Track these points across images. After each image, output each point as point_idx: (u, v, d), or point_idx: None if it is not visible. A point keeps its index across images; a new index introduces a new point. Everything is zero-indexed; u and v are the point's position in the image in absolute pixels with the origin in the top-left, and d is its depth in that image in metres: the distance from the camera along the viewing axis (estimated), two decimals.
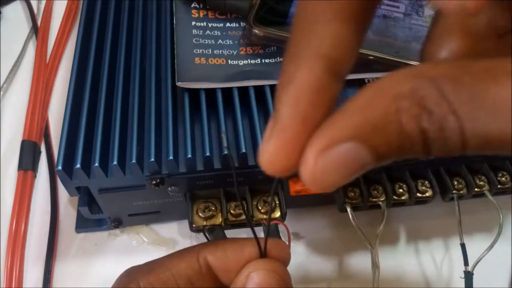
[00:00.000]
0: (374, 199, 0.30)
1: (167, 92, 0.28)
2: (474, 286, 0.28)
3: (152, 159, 0.25)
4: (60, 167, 0.25)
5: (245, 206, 0.28)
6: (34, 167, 0.34)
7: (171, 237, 0.32)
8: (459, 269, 0.29)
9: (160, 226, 0.33)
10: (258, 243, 0.20)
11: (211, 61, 0.29)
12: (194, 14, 0.31)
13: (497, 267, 0.32)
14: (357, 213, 0.30)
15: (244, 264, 0.20)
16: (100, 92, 0.28)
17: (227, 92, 0.28)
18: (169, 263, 0.21)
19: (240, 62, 0.29)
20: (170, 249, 0.32)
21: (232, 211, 0.28)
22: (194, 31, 0.30)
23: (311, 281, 0.31)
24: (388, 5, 0.30)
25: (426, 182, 0.30)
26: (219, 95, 0.28)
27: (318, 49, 0.14)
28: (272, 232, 0.28)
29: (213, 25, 0.31)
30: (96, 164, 0.25)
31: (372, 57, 0.27)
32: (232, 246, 0.21)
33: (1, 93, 0.39)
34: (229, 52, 0.30)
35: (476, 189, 0.30)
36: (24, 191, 0.33)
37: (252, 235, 0.21)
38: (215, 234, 0.28)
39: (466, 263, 0.29)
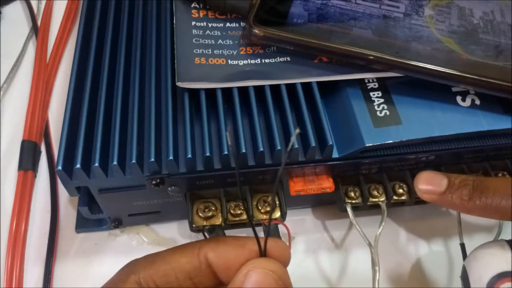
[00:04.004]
0: (374, 199, 0.30)
1: (167, 92, 0.28)
2: None
3: (152, 159, 0.25)
4: (60, 167, 0.25)
5: (246, 205, 0.28)
6: (34, 167, 0.34)
7: (171, 237, 0.32)
8: (459, 269, 0.29)
9: (160, 226, 0.33)
10: (259, 242, 0.20)
11: (211, 61, 0.29)
12: (194, 14, 0.31)
13: None
14: (357, 213, 0.30)
15: (243, 263, 0.20)
16: (100, 92, 0.28)
17: (227, 92, 0.28)
18: (170, 257, 0.21)
19: (240, 62, 0.29)
20: None
21: (232, 211, 0.28)
22: (194, 31, 0.30)
23: (311, 281, 0.31)
24: (388, 5, 0.30)
25: None
26: (219, 95, 0.28)
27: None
28: (273, 232, 0.28)
29: (213, 25, 0.31)
30: (96, 164, 0.25)
31: (372, 57, 0.27)
32: (232, 244, 0.21)
33: (1, 93, 0.39)
34: (229, 52, 0.30)
35: None
36: (24, 191, 0.33)
37: (252, 235, 0.21)
38: (215, 234, 0.28)
39: None
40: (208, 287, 0.22)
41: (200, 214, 0.28)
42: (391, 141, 0.27)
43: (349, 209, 0.29)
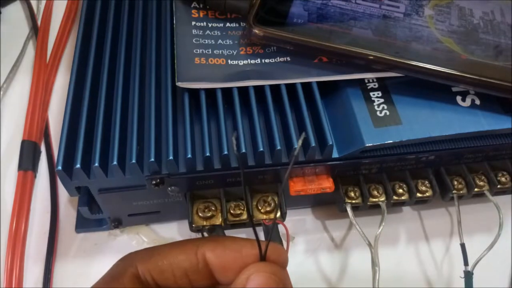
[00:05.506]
0: (374, 199, 0.30)
1: (167, 92, 0.28)
2: (474, 286, 0.28)
3: (152, 159, 0.25)
4: (60, 167, 0.25)
5: (247, 207, 0.28)
6: (34, 167, 0.34)
7: (171, 237, 0.33)
8: (459, 269, 0.29)
9: (160, 226, 0.33)
10: (259, 246, 0.20)
11: (211, 61, 0.29)
12: (194, 14, 0.31)
13: (497, 267, 0.32)
14: (357, 213, 0.30)
15: (241, 265, 0.20)
16: (100, 92, 0.28)
17: (227, 92, 0.28)
18: (168, 253, 0.21)
19: (240, 62, 0.29)
20: None
21: (232, 211, 0.28)
22: (194, 31, 0.30)
23: (311, 281, 0.31)
24: (388, 5, 0.30)
25: (426, 182, 0.30)
26: (219, 95, 0.28)
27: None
28: (272, 232, 0.28)
29: (213, 25, 0.31)
30: (96, 164, 0.25)
31: (372, 57, 0.27)
32: (231, 245, 0.21)
33: (1, 93, 0.39)
34: (229, 52, 0.30)
35: (476, 189, 0.30)
36: (24, 191, 0.33)
37: (252, 235, 0.21)
38: (215, 234, 0.28)
39: (466, 263, 0.29)
40: (204, 286, 0.22)
41: (200, 214, 0.28)
42: (391, 141, 0.27)
43: (349, 209, 0.29)
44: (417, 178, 0.30)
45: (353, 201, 0.29)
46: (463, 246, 0.29)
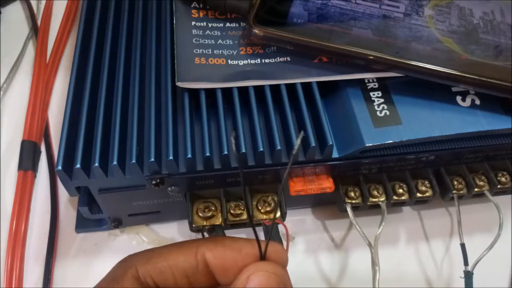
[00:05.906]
0: (374, 199, 0.30)
1: (167, 92, 0.28)
2: (474, 286, 0.28)
3: (152, 159, 0.25)
4: (60, 167, 0.25)
5: (247, 207, 0.28)
6: (34, 167, 0.34)
7: (171, 237, 0.33)
8: (459, 269, 0.29)
9: (160, 226, 0.33)
10: (259, 245, 0.20)
11: (211, 61, 0.29)
12: (194, 14, 0.31)
13: (497, 267, 0.32)
14: (357, 213, 0.30)
15: (241, 265, 0.20)
16: (100, 92, 0.28)
17: (227, 92, 0.28)
18: (168, 254, 0.21)
19: (240, 62, 0.29)
20: None
21: (232, 211, 0.28)
22: (194, 31, 0.30)
23: (311, 281, 0.31)
24: (388, 5, 0.30)
25: (426, 182, 0.30)
26: (219, 95, 0.28)
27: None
28: (272, 231, 0.28)
29: (213, 25, 0.31)
30: (96, 164, 0.25)
31: (372, 57, 0.27)
32: (230, 246, 0.21)
33: (1, 93, 0.39)
34: (229, 52, 0.30)
35: (476, 189, 0.30)
36: (24, 191, 0.33)
37: (252, 235, 0.21)
38: (215, 234, 0.28)
39: (466, 263, 0.29)
40: (205, 286, 0.22)
41: (200, 214, 0.28)
42: (391, 141, 0.27)
43: (349, 209, 0.29)
44: (417, 178, 0.30)
45: (353, 201, 0.29)
46: (463, 246, 0.29)
